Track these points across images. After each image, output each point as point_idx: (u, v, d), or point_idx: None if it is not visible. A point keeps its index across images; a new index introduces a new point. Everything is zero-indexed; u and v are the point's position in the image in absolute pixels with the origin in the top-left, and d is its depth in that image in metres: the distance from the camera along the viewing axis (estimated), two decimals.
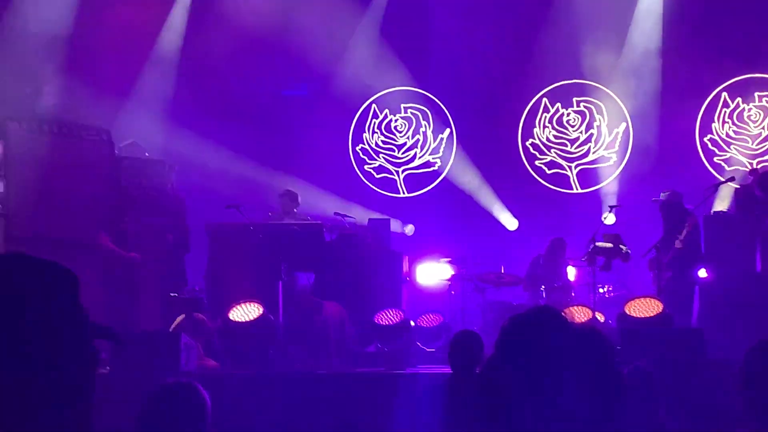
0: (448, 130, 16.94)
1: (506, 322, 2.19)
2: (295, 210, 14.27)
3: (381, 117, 17.12)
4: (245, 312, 11.44)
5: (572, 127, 16.69)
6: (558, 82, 16.69)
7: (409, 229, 16.50)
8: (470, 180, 16.66)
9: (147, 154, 14.14)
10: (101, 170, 12.98)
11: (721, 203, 14.25)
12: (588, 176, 16.57)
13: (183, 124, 15.93)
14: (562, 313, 2.19)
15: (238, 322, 11.35)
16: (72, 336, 1.95)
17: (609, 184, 16.36)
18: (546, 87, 16.73)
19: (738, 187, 12.89)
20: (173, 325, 11.28)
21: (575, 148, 16.66)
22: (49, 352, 1.91)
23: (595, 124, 16.59)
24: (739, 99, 16.09)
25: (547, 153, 16.71)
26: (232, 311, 11.42)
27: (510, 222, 16.53)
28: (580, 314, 12.06)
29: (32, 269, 1.97)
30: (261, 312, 11.42)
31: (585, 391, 2.05)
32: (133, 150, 14.13)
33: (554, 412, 2.03)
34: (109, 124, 14.37)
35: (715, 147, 16.14)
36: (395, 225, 15.68)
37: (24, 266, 1.97)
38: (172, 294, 12.57)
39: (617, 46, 16.42)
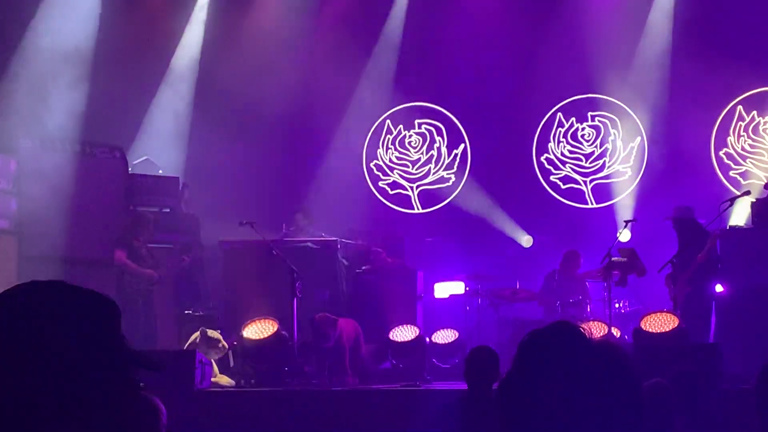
0: (462, 146, 16.92)
1: (525, 337, 2.16)
2: (309, 226, 14.28)
3: (395, 133, 17.12)
4: (260, 329, 11.44)
5: (587, 141, 16.65)
6: (572, 96, 16.66)
7: (527, 239, 16.37)
8: (484, 196, 16.61)
9: (161, 171, 14.17)
10: (114, 188, 13.03)
11: (739, 217, 14.18)
12: (603, 191, 16.51)
13: (197, 141, 15.97)
14: (581, 328, 2.16)
15: (253, 340, 11.35)
16: (111, 367, 1.92)
17: (624, 198, 16.29)
18: (560, 102, 16.70)
19: (754, 200, 12.83)
20: (188, 343, 11.28)
21: (590, 163, 16.61)
22: (86, 384, 1.87)
23: (610, 138, 16.54)
24: (754, 112, 16.03)
25: (562, 168, 16.67)
26: (246, 328, 11.42)
27: (525, 239, 16.47)
28: (596, 329, 12.01)
29: (71, 297, 1.93)
30: (276, 329, 11.41)
31: (605, 406, 2.02)
32: (146, 167, 14.18)
33: (574, 429, 2.01)
34: (124, 140, 14.44)
35: (731, 161, 16.07)
36: (411, 242, 15.64)
37: (63, 294, 1.93)
38: (186, 311, 12.59)
39: (629, 58, 16.38)
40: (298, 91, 16.59)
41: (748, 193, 12.66)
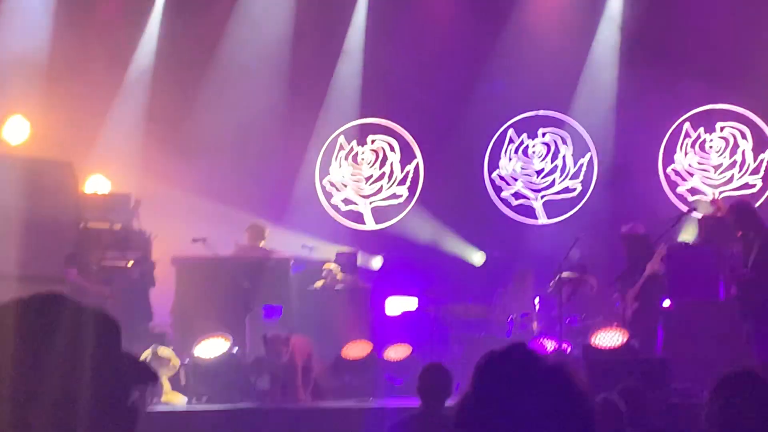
0: (415, 162, 16.99)
1: (481, 359, 2.22)
2: (262, 243, 14.28)
3: (347, 149, 17.15)
4: (212, 347, 11.42)
5: (538, 157, 16.78)
6: (523, 113, 16.79)
7: (376, 261, 16.51)
8: (437, 212, 16.67)
9: (112, 189, 14.10)
10: (66, 204, 12.92)
11: (686, 234, 14.36)
12: (554, 207, 16.64)
13: (150, 156, 15.87)
14: (535, 350, 2.22)
15: (205, 357, 11.32)
16: (112, 385, 1.93)
17: (574, 214, 16.43)
18: (511, 118, 16.82)
19: (701, 217, 13.00)
20: None
21: (541, 179, 16.74)
22: (86, 400, 1.88)
23: (560, 154, 16.68)
24: (701, 129, 16.24)
25: (513, 184, 16.79)
26: (198, 346, 11.39)
27: (476, 257, 16.52)
28: (547, 345, 12.13)
29: (73, 311, 1.94)
30: (228, 346, 11.39)
31: (559, 428, 2.09)
32: (98, 184, 14.10)
33: None
34: (76, 156, 14.32)
35: (678, 177, 16.26)
36: (362, 257, 15.68)
37: (64, 308, 1.95)
38: (138, 328, 12.49)
39: (578, 75, 16.51)
40: (251, 107, 16.56)
41: (695, 209, 12.82)
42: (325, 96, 16.96)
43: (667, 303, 12.27)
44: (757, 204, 14.46)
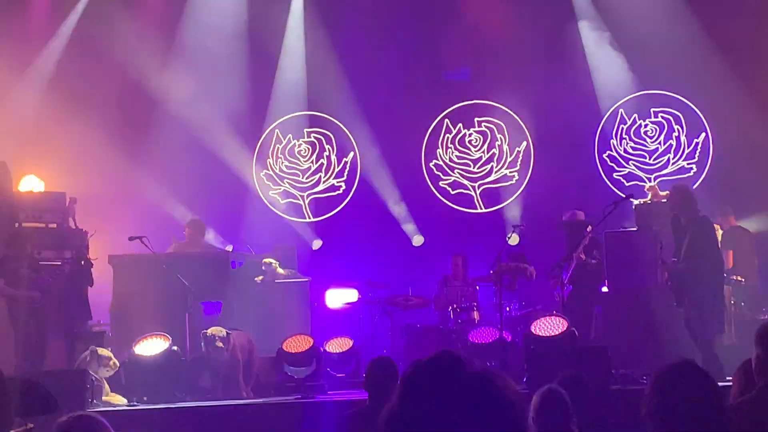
0: (351, 154, 16.97)
1: (407, 369, 2.19)
2: (201, 239, 14.18)
3: (284, 142, 17.07)
4: (151, 345, 11.32)
5: (474, 147, 16.84)
6: (459, 102, 16.83)
7: (317, 243, 16.48)
8: (375, 202, 16.68)
9: (45, 188, 13.89)
10: None
11: (622, 220, 14.51)
12: (491, 196, 16.71)
13: (84, 154, 15.66)
14: (461, 358, 2.20)
15: (145, 356, 11.21)
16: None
17: (512, 203, 16.52)
18: (447, 108, 16.86)
19: (637, 203, 13.13)
20: (78, 362, 11.08)
21: (478, 168, 16.80)
22: None
23: (497, 143, 16.75)
24: (635, 115, 16.40)
25: (451, 174, 16.84)
26: (137, 345, 11.29)
27: (416, 238, 16.57)
28: (488, 334, 12.19)
29: None
30: (167, 345, 11.30)
31: None
32: (32, 183, 13.89)
33: None
34: (9, 156, 14.09)
35: (614, 163, 16.40)
36: (302, 244, 15.64)
37: None
38: (76, 328, 12.34)
39: (512, 63, 16.54)
40: (187, 103, 16.40)
41: (632, 196, 12.94)
42: (259, 90, 16.87)
43: (604, 289, 12.39)
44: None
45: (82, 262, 12.44)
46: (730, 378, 5.75)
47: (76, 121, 15.22)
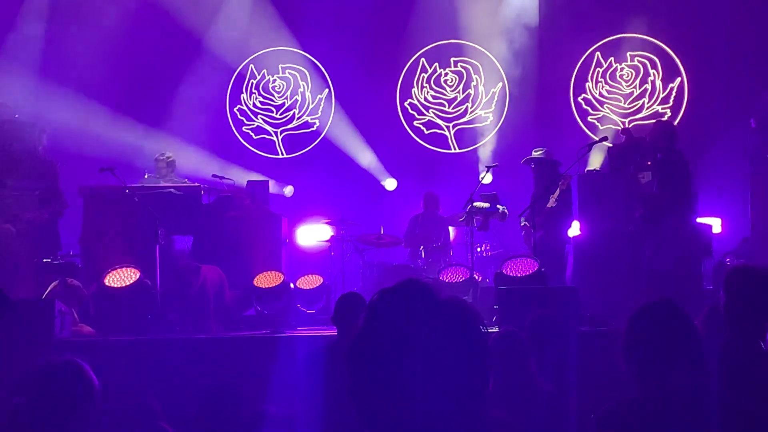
0: (326, 91, 16.87)
1: (374, 296, 2.18)
2: (172, 173, 14.08)
3: (259, 78, 16.94)
4: (121, 277, 11.26)
5: (450, 87, 16.77)
6: (436, 42, 16.73)
7: (288, 190, 16.43)
8: (349, 140, 16.63)
9: (17, 116, 13.72)
10: None
11: (596, 162, 14.54)
12: (466, 136, 16.69)
13: (55, 83, 15.50)
14: (428, 285, 2.18)
15: (115, 288, 11.16)
16: None
17: (486, 143, 16.51)
18: (424, 47, 16.76)
19: (611, 146, 13.12)
20: (47, 292, 11.01)
21: (453, 108, 16.76)
22: None
23: (473, 84, 16.70)
24: (611, 59, 16.36)
25: (425, 113, 16.78)
26: (108, 276, 11.22)
27: (389, 183, 16.58)
28: (458, 273, 12.20)
29: None
30: (137, 277, 11.24)
31: (453, 358, 2.07)
32: (1, 111, 13.70)
33: (424, 381, 2.04)
34: None
35: (589, 106, 16.41)
36: (274, 186, 15.57)
37: None
38: (45, 260, 12.27)
39: (495, 6, 16.51)
40: (153, 37, 16.23)
41: (605, 138, 12.92)
42: (231, 25, 16.70)
43: (574, 231, 12.40)
44: None
45: (52, 192, 12.34)
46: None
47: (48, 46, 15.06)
